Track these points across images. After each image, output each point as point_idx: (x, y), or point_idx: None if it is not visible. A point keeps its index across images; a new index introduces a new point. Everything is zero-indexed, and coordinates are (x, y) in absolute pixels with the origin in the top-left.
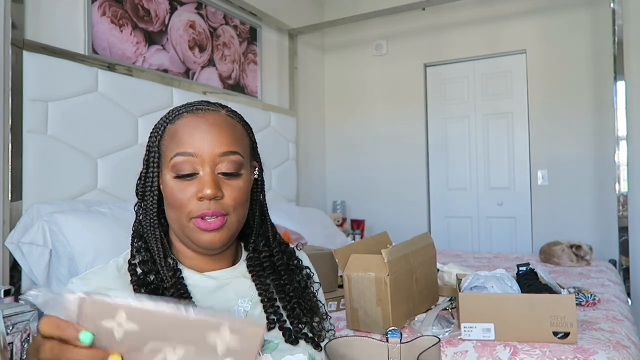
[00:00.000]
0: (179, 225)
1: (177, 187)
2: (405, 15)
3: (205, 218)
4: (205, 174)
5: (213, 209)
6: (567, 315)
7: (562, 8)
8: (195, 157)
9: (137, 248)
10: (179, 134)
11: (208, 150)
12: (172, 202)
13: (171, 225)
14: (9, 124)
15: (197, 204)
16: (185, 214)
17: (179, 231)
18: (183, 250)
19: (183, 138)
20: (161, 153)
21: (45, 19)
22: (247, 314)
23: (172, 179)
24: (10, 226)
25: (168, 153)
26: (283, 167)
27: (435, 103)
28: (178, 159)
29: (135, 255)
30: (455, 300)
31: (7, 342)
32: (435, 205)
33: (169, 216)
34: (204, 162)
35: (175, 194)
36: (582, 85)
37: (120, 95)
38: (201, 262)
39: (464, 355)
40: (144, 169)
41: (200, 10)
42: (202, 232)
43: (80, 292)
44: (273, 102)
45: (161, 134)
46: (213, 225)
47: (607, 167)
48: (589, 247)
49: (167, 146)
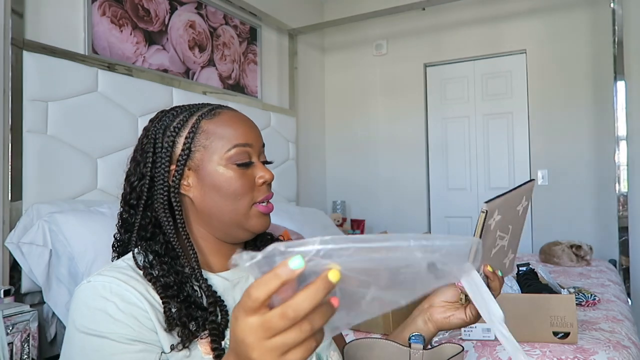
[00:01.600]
0: (235, 214)
1: (236, 175)
2: (405, 15)
3: (265, 202)
4: (258, 163)
5: (269, 192)
6: (567, 315)
7: (562, 8)
8: (251, 147)
9: (150, 263)
10: (228, 127)
11: (257, 141)
12: (233, 191)
13: (220, 217)
14: (9, 124)
15: (258, 190)
16: (248, 201)
17: (231, 221)
18: (206, 247)
19: (238, 131)
20: (193, 149)
21: (45, 19)
22: None
23: (230, 170)
24: (10, 226)
25: (218, 146)
26: (283, 167)
27: (435, 103)
28: (237, 150)
29: (148, 268)
30: None
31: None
32: (435, 205)
33: (217, 209)
34: (256, 152)
35: (236, 181)
36: (582, 85)
37: (120, 95)
38: (216, 261)
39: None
40: (148, 170)
41: (200, 10)
42: (263, 216)
43: (280, 245)
44: (273, 102)
45: (195, 130)
46: (271, 208)
47: (607, 167)
48: (589, 247)
49: (213, 140)
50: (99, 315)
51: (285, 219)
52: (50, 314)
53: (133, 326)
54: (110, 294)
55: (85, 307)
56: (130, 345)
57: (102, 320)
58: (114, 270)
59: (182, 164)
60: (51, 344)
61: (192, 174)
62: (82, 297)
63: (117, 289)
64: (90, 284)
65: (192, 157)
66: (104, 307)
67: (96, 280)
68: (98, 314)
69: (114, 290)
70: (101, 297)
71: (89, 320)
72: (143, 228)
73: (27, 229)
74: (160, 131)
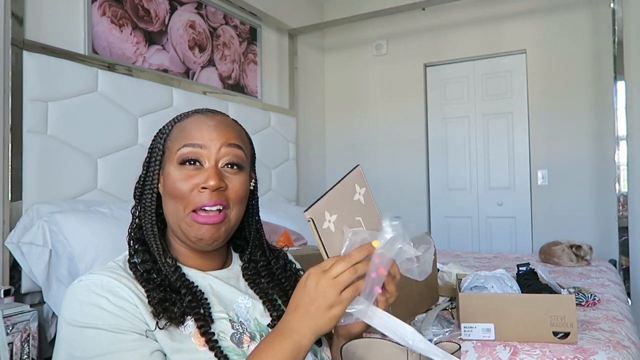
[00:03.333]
0: (176, 218)
1: (180, 176)
2: (405, 15)
3: (203, 210)
4: (209, 167)
5: (215, 200)
6: (567, 315)
7: (562, 8)
8: (202, 149)
9: (134, 250)
10: (187, 128)
11: (214, 143)
12: (173, 191)
13: (168, 221)
14: (9, 124)
15: (198, 195)
16: (184, 206)
17: (175, 226)
18: (181, 250)
19: (191, 132)
20: (165, 150)
21: (45, 19)
22: (248, 310)
23: (176, 169)
24: (10, 226)
25: (174, 146)
26: (283, 167)
27: (435, 103)
28: (185, 150)
29: (134, 256)
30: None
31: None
32: (435, 205)
33: (167, 211)
34: (210, 155)
35: (177, 183)
36: (582, 85)
37: (120, 95)
38: (200, 263)
39: (464, 355)
40: (143, 170)
41: (200, 10)
42: (200, 225)
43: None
44: (273, 102)
45: (168, 132)
46: (213, 220)
47: (607, 167)
48: (589, 247)
49: (174, 141)
50: (92, 309)
51: (285, 219)
52: (50, 314)
53: (126, 318)
54: (101, 289)
55: (77, 302)
56: (126, 335)
57: (95, 313)
58: (104, 270)
59: (158, 164)
60: (51, 344)
61: (162, 175)
62: (74, 294)
63: (108, 286)
64: (81, 283)
65: (162, 159)
66: (96, 301)
67: (87, 279)
68: (90, 308)
69: (105, 286)
70: (93, 293)
71: (82, 314)
72: (136, 227)
73: (27, 229)
74: (157, 135)
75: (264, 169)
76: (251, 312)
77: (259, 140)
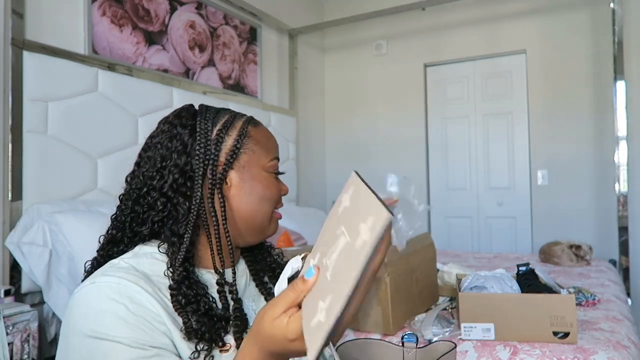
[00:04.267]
0: (265, 217)
1: (274, 182)
2: (405, 15)
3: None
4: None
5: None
6: (567, 315)
7: (562, 8)
8: (279, 161)
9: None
10: (267, 141)
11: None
12: (269, 193)
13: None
14: (9, 124)
15: (279, 199)
16: (273, 206)
17: (253, 221)
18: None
19: (275, 145)
20: (242, 152)
21: (46, 19)
22: (255, 312)
23: (270, 175)
24: (10, 226)
25: (262, 156)
26: (283, 167)
27: (435, 103)
28: (274, 162)
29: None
30: (455, 300)
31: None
32: (435, 205)
33: (246, 207)
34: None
35: (273, 187)
36: (582, 85)
37: (120, 95)
38: (221, 259)
39: (464, 355)
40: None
41: (200, 10)
42: (277, 222)
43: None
44: (273, 102)
45: (244, 133)
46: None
47: (607, 167)
48: (589, 247)
49: (256, 150)
50: (109, 318)
51: (285, 219)
52: (50, 314)
53: (146, 329)
54: (119, 295)
55: (91, 309)
56: (145, 350)
57: (112, 323)
58: (119, 271)
59: (230, 162)
60: (51, 344)
61: (235, 173)
62: (87, 299)
63: (126, 290)
64: (94, 286)
65: (238, 158)
66: (114, 309)
67: (101, 281)
68: (107, 316)
69: (123, 291)
70: (109, 299)
71: (97, 323)
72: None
73: (27, 229)
74: (202, 126)
75: None
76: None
77: None
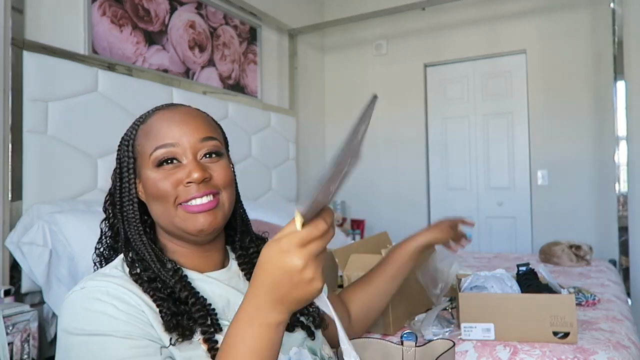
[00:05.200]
0: (167, 217)
1: (159, 177)
2: (405, 15)
3: (195, 201)
4: (189, 161)
5: (203, 191)
6: (567, 315)
7: (562, 8)
8: (176, 147)
9: (131, 260)
10: (153, 129)
11: (187, 138)
12: (156, 193)
13: (159, 222)
14: (9, 124)
15: (184, 190)
16: (172, 202)
17: (167, 225)
18: (181, 251)
19: (160, 131)
20: (136, 156)
21: (45, 19)
22: None
23: (154, 172)
24: (10, 226)
25: (146, 150)
26: (283, 167)
27: (435, 103)
28: (158, 152)
29: (134, 268)
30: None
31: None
32: (435, 205)
33: (155, 213)
34: (186, 150)
35: (159, 183)
36: (582, 85)
37: (120, 95)
38: (200, 263)
39: (463, 355)
40: (117, 182)
41: (200, 10)
42: (195, 215)
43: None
44: (273, 102)
45: (133, 137)
46: (207, 206)
47: (607, 167)
48: (589, 247)
49: (144, 145)
50: (99, 317)
51: (285, 219)
52: (50, 314)
53: (136, 324)
54: (107, 296)
55: (81, 310)
56: (138, 341)
57: (102, 321)
58: (105, 276)
59: (132, 171)
60: (51, 344)
61: (140, 180)
62: (77, 302)
63: (114, 292)
64: (84, 290)
65: (136, 164)
66: (103, 309)
67: (90, 286)
68: (98, 315)
69: (111, 293)
70: (98, 300)
71: (88, 322)
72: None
73: (27, 229)
74: (122, 140)
75: (264, 169)
76: None
77: (259, 140)
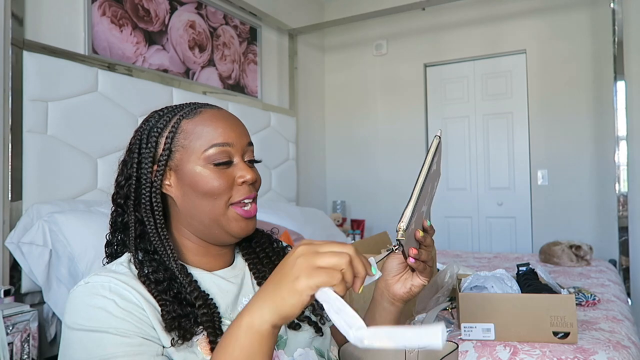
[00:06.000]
0: (213, 214)
1: (214, 174)
2: (405, 15)
3: (245, 204)
4: (239, 162)
5: (250, 192)
6: (567, 315)
7: (562, 8)
8: (231, 147)
9: (140, 260)
10: (208, 126)
11: (239, 140)
12: (210, 190)
13: (198, 218)
14: (9, 124)
15: (237, 190)
16: (224, 201)
17: (210, 222)
18: (193, 249)
19: (217, 130)
20: (175, 149)
21: (46, 19)
22: None
23: (207, 169)
24: (10, 226)
25: (196, 146)
26: (283, 167)
27: (435, 103)
28: (214, 150)
29: (144, 268)
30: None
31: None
32: (435, 205)
33: (198, 209)
34: (237, 151)
35: (213, 181)
36: (582, 85)
37: (120, 95)
38: (209, 261)
39: (464, 355)
40: (133, 172)
41: (200, 10)
42: (243, 220)
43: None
44: (273, 102)
45: (175, 130)
46: (253, 212)
47: (607, 167)
48: (589, 247)
49: (192, 140)
50: (98, 313)
51: (285, 219)
52: (50, 314)
53: (132, 322)
54: (109, 292)
55: (83, 305)
56: (130, 339)
57: (100, 317)
58: (110, 272)
59: (163, 163)
60: (51, 344)
61: (173, 173)
62: (79, 297)
63: (116, 288)
64: (88, 285)
65: (172, 157)
66: (103, 305)
67: (94, 281)
68: (97, 311)
69: (113, 289)
70: (100, 296)
71: (87, 318)
72: (132, 227)
73: (27, 229)
74: (145, 132)
75: (264, 169)
76: None
77: (259, 140)
